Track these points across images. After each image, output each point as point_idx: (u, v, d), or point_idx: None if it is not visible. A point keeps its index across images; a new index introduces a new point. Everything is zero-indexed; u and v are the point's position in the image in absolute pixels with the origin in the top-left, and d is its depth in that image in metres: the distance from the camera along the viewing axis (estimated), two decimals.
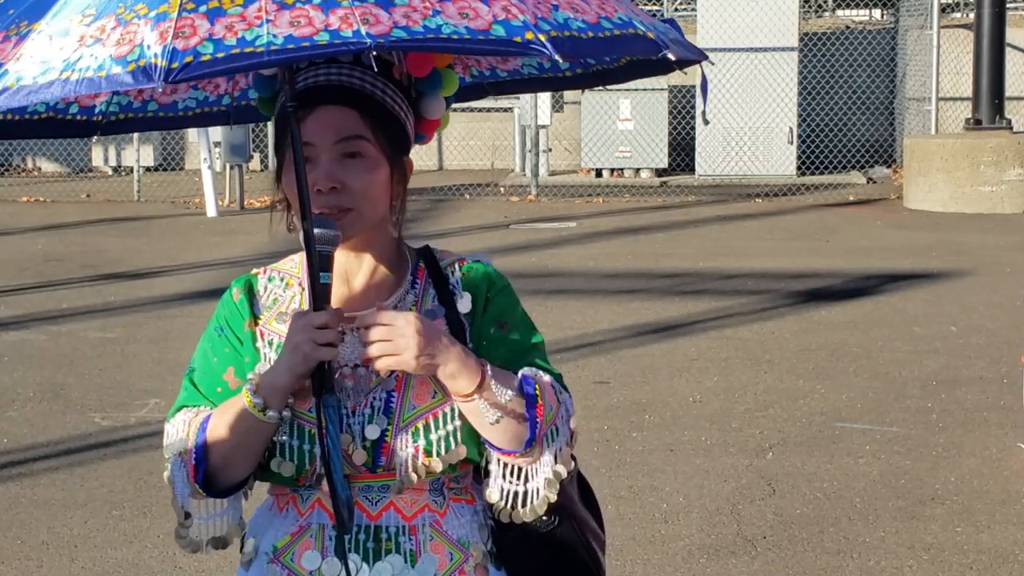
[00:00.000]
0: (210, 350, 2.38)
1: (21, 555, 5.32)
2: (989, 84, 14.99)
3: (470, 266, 2.37)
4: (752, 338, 8.67)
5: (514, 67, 2.60)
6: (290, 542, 2.34)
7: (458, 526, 2.32)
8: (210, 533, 2.39)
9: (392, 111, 2.29)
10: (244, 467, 2.30)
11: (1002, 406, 7.06)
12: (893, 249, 12.04)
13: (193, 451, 2.29)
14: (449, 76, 2.36)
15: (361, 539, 2.29)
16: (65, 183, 17.74)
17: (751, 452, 6.42)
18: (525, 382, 2.24)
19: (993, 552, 5.25)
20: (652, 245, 12.52)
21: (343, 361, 2.29)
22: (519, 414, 2.21)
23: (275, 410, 2.22)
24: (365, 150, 2.26)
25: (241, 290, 2.41)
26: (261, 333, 2.36)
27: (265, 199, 16.03)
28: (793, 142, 17.02)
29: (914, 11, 17.62)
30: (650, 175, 17.27)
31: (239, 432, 2.25)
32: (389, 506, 2.30)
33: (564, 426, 2.27)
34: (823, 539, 5.38)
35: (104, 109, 2.54)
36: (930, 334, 8.72)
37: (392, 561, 2.29)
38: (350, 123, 2.25)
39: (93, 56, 1.91)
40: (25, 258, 12.14)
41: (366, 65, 2.27)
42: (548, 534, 2.33)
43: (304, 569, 2.31)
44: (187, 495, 2.33)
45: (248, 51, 1.87)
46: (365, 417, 2.27)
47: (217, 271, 11.36)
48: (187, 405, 2.35)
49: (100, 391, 7.60)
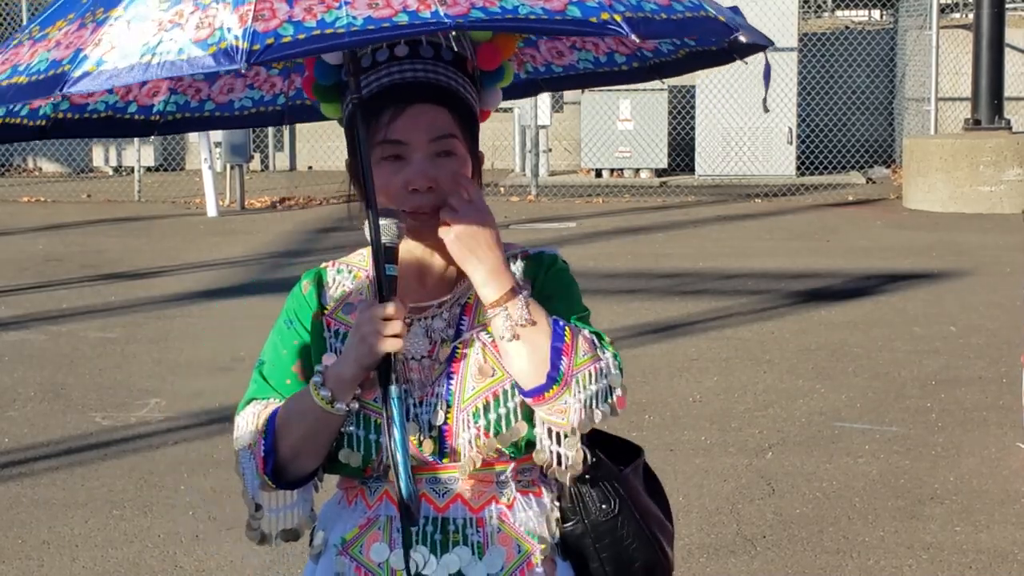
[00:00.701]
0: (279, 343, 2.40)
1: (22, 555, 5.32)
2: (988, 84, 14.99)
3: (531, 255, 2.37)
4: (752, 338, 8.67)
5: (569, 62, 2.59)
6: (358, 534, 2.34)
7: (526, 518, 2.32)
8: (280, 525, 2.37)
9: (472, 107, 2.31)
10: (313, 459, 2.31)
11: (1001, 406, 7.07)
12: (893, 249, 12.05)
13: (262, 443, 2.30)
14: (508, 68, 2.37)
15: (429, 531, 2.30)
16: (66, 183, 17.74)
17: (751, 452, 6.42)
18: (556, 323, 2.23)
19: (992, 552, 5.26)
20: (652, 245, 12.53)
21: (409, 353, 2.30)
22: (541, 345, 2.20)
23: (342, 402, 2.24)
24: (456, 148, 2.26)
25: (311, 282, 2.43)
26: (328, 323, 2.37)
27: (265, 199, 16.05)
28: (793, 142, 17.03)
29: (913, 11, 17.63)
30: (650, 175, 17.28)
31: (308, 424, 2.27)
32: (456, 498, 2.30)
33: (600, 378, 2.22)
34: (823, 539, 5.38)
35: (162, 108, 2.54)
36: (930, 334, 8.73)
37: (459, 553, 2.29)
38: (442, 121, 2.25)
39: (173, 40, 1.90)
40: (25, 258, 12.15)
41: (446, 60, 2.28)
42: (609, 524, 2.32)
43: (372, 561, 2.32)
44: (257, 487, 2.32)
45: (328, 32, 1.86)
46: (431, 407, 2.28)
47: (217, 271, 11.37)
48: (256, 398, 2.37)
49: (100, 391, 7.60)
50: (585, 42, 2.55)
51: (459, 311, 2.34)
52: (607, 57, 2.56)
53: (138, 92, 2.51)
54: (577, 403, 2.21)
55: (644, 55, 2.54)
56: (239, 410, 2.37)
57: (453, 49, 2.28)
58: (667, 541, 2.42)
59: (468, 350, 2.30)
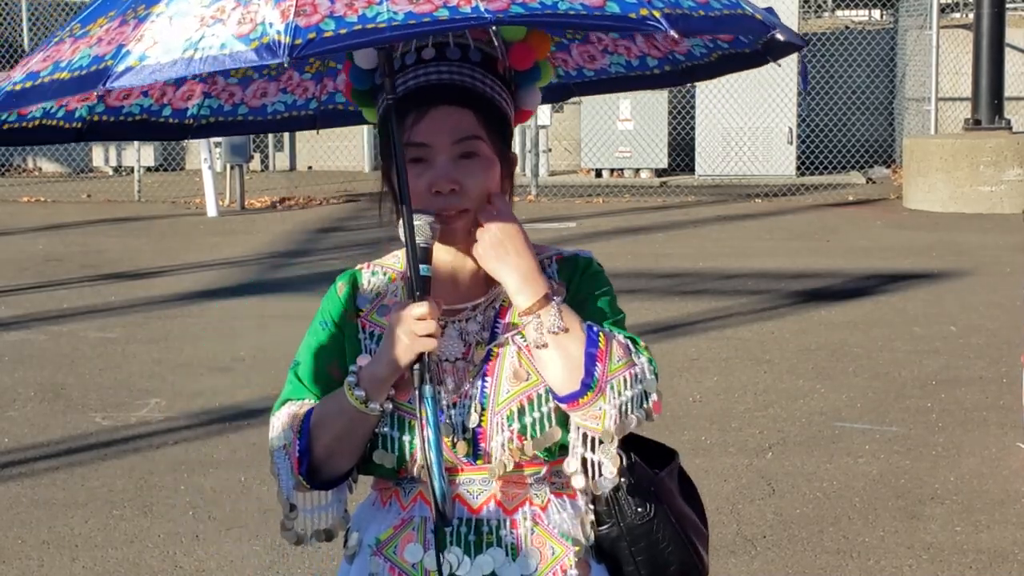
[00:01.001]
0: (315, 344, 2.40)
1: (22, 555, 5.32)
2: (988, 84, 14.99)
3: (567, 258, 2.38)
4: (752, 338, 8.67)
5: (601, 66, 2.58)
6: (392, 535, 2.35)
7: (560, 520, 2.32)
8: (315, 526, 2.38)
9: (501, 108, 2.30)
10: (347, 459, 2.32)
11: (1002, 406, 7.07)
12: (893, 249, 12.05)
13: (297, 443, 2.31)
14: (546, 67, 2.36)
15: (463, 532, 2.30)
16: (66, 183, 17.74)
17: (751, 452, 6.42)
18: (590, 328, 2.23)
19: (992, 552, 5.26)
20: (652, 245, 12.53)
21: (443, 355, 2.30)
22: (575, 352, 2.21)
23: (376, 402, 2.24)
24: (481, 150, 2.26)
25: (346, 284, 2.42)
26: (363, 325, 2.37)
27: (265, 199, 16.04)
28: (793, 142, 17.03)
29: (913, 11, 17.62)
30: (650, 175, 17.28)
31: (342, 424, 2.27)
32: (490, 499, 2.31)
33: (635, 383, 2.23)
34: (823, 539, 5.38)
35: (196, 112, 2.55)
36: (930, 334, 8.72)
37: (493, 554, 2.30)
38: (466, 123, 2.25)
39: (215, 35, 1.90)
40: (25, 258, 12.15)
41: (474, 61, 2.27)
42: (644, 528, 2.32)
43: (406, 561, 2.32)
44: (292, 487, 2.33)
45: (370, 27, 1.86)
46: (465, 409, 2.29)
47: (217, 271, 11.36)
48: (292, 398, 2.38)
49: (100, 391, 7.60)
50: (617, 45, 2.54)
51: (494, 314, 2.34)
52: (639, 61, 2.55)
53: (172, 95, 2.52)
54: (612, 409, 2.21)
55: (676, 58, 2.53)
56: (274, 410, 2.38)
57: (482, 50, 2.28)
58: (702, 544, 2.42)
59: (503, 353, 2.30)
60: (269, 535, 5.41)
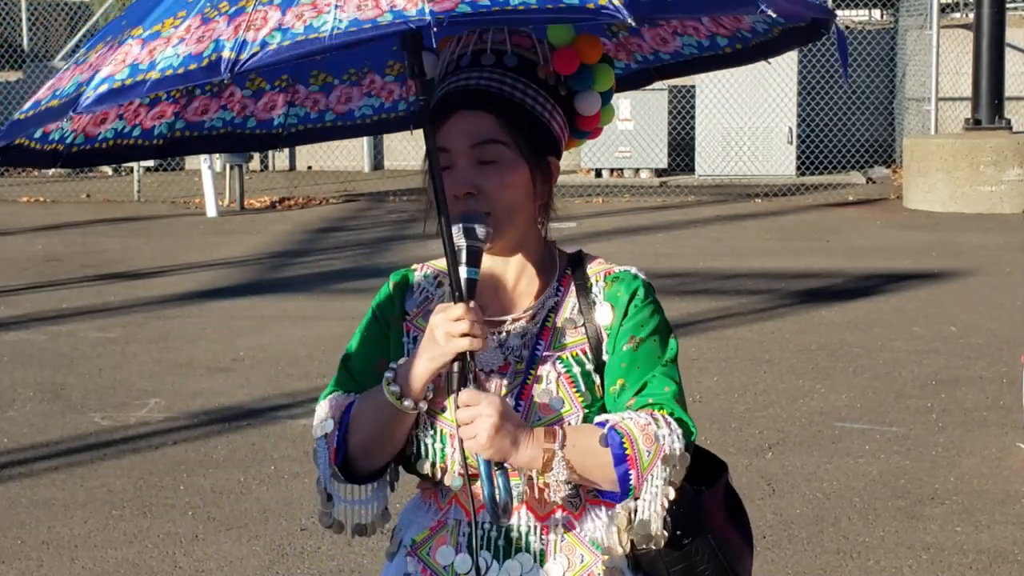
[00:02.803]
0: (364, 338, 2.41)
1: (21, 555, 5.32)
2: (988, 84, 14.99)
3: (615, 276, 2.37)
4: (752, 338, 8.67)
5: (675, 48, 2.56)
6: (428, 536, 2.36)
7: (593, 528, 2.32)
8: (353, 519, 2.38)
9: (532, 112, 2.28)
10: (382, 456, 2.33)
11: (1002, 406, 7.06)
12: (893, 249, 12.05)
13: (336, 434, 2.31)
14: (602, 71, 2.34)
15: (492, 537, 2.31)
16: (65, 183, 17.73)
17: (751, 452, 6.42)
18: (611, 436, 2.21)
19: (992, 552, 5.26)
20: (652, 245, 12.53)
21: (480, 365, 2.28)
22: (606, 471, 2.21)
23: (411, 399, 2.24)
24: (501, 154, 2.26)
25: (397, 284, 2.43)
26: (407, 329, 2.38)
27: (265, 199, 16.04)
28: (793, 142, 17.02)
29: (914, 11, 17.62)
30: (650, 175, 17.28)
31: (379, 420, 2.28)
32: (522, 505, 2.30)
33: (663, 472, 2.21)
34: (823, 539, 5.38)
35: (283, 122, 2.56)
36: (930, 334, 8.72)
37: (521, 560, 2.30)
38: (484, 127, 2.25)
39: (176, 55, 1.93)
40: (25, 258, 12.14)
41: (508, 67, 2.27)
42: (682, 552, 2.30)
43: (439, 564, 2.33)
44: (329, 477, 2.34)
45: (312, 37, 1.86)
46: None
47: (217, 271, 11.36)
48: (338, 389, 2.38)
49: (100, 391, 7.60)
50: (686, 27, 2.51)
51: (536, 332, 2.32)
52: (709, 41, 2.53)
53: (254, 107, 2.53)
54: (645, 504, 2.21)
55: (744, 36, 2.50)
56: (320, 399, 2.39)
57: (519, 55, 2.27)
58: (743, 566, 2.42)
59: (542, 376, 2.30)
60: (269, 535, 5.41)
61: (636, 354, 2.30)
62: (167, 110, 2.45)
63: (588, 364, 2.31)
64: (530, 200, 2.32)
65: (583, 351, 2.31)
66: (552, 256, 2.40)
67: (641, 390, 2.28)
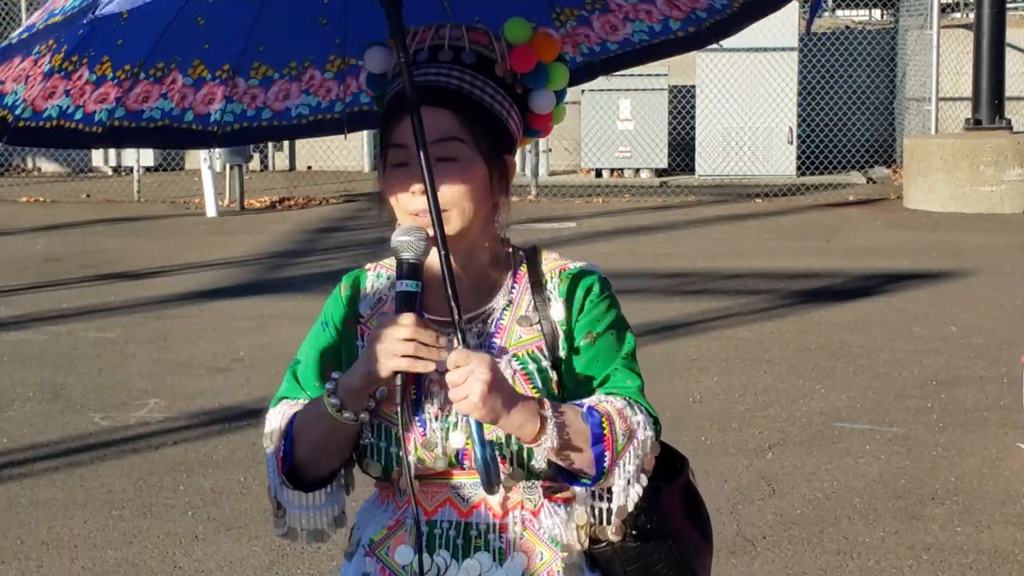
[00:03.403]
0: (315, 344, 2.38)
1: (21, 555, 5.32)
2: (989, 84, 14.98)
3: (570, 272, 2.34)
4: (752, 338, 8.67)
5: (624, 36, 2.53)
6: (386, 536, 2.34)
7: (552, 525, 2.30)
8: (308, 526, 2.36)
9: (491, 110, 2.26)
10: (327, 464, 2.31)
11: (1002, 406, 7.06)
12: (893, 249, 12.04)
13: (282, 444, 2.30)
14: (557, 70, 2.32)
15: (451, 535, 2.29)
16: (65, 183, 17.73)
17: (751, 452, 6.42)
18: (591, 415, 2.21)
19: (993, 552, 5.25)
20: (652, 245, 12.52)
21: None
22: (584, 451, 2.20)
23: (352, 411, 2.22)
24: (460, 151, 2.23)
25: (349, 286, 2.40)
26: (361, 332, 2.35)
27: (265, 199, 16.03)
28: (793, 142, 17.01)
29: (914, 11, 17.61)
30: (650, 175, 17.27)
31: (321, 430, 2.26)
32: (480, 503, 2.29)
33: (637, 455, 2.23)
34: (823, 539, 5.38)
35: (219, 118, 2.53)
36: (930, 334, 8.72)
37: (480, 559, 2.28)
38: (443, 124, 2.22)
39: None
40: (25, 258, 12.14)
41: (466, 64, 2.24)
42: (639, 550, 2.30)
43: (397, 563, 2.32)
44: (278, 485, 2.34)
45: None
46: (450, 424, 2.26)
47: (217, 271, 11.36)
48: (288, 397, 2.37)
49: (100, 391, 7.59)
50: (638, 11, 2.48)
51: (491, 331, 2.31)
52: (661, 25, 2.49)
53: (193, 99, 2.50)
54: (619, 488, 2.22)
55: (698, 16, 2.47)
56: (271, 406, 2.38)
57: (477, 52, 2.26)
58: (701, 563, 2.39)
59: None
60: (268, 535, 5.40)
61: (594, 348, 2.29)
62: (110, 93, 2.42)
63: (544, 361, 2.28)
64: (487, 198, 2.29)
65: (539, 348, 2.29)
66: (507, 253, 2.37)
67: (604, 383, 2.28)
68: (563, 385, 2.29)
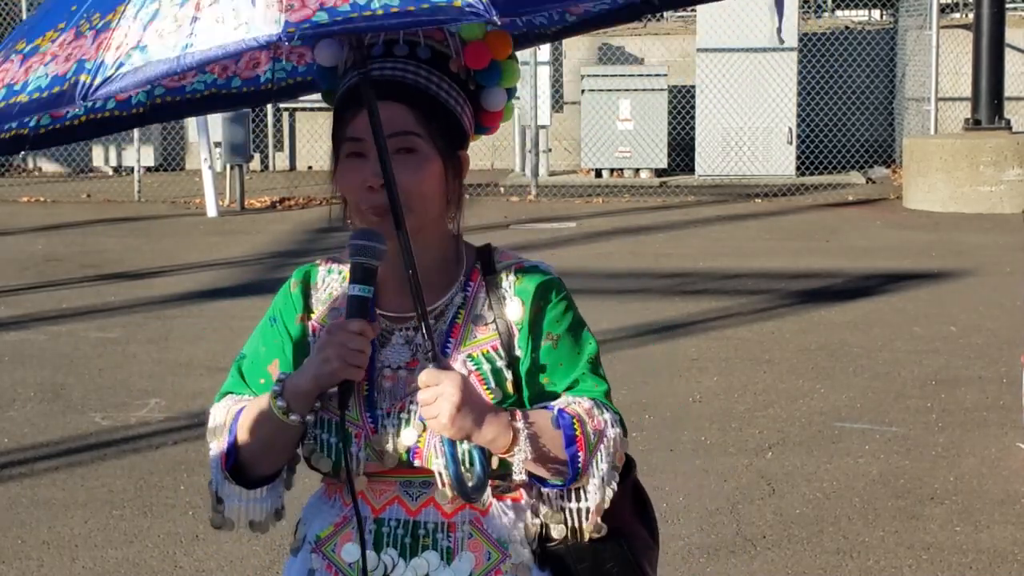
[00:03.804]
0: (260, 339, 2.37)
1: (22, 555, 5.32)
2: (988, 84, 14.99)
3: (525, 270, 2.32)
4: (752, 338, 8.67)
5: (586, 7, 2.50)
6: (332, 532, 2.33)
7: (500, 525, 2.30)
8: (247, 517, 2.34)
9: (446, 105, 2.25)
10: (271, 464, 2.31)
11: (1002, 406, 7.07)
12: (893, 249, 12.05)
13: (226, 440, 2.29)
14: (510, 67, 2.31)
15: (399, 534, 2.29)
16: (65, 183, 17.74)
17: (751, 452, 6.42)
18: (561, 418, 2.21)
19: (992, 552, 5.26)
20: (652, 245, 12.53)
21: (386, 362, 2.28)
22: (558, 456, 2.21)
23: (298, 414, 2.22)
24: (416, 146, 2.22)
25: (299, 282, 2.38)
26: (313, 328, 2.34)
27: (265, 199, 16.04)
28: (792, 142, 17.02)
29: (913, 11, 17.62)
30: (650, 175, 17.27)
31: (266, 431, 2.26)
32: (429, 502, 2.29)
33: (608, 453, 2.24)
34: (822, 539, 5.38)
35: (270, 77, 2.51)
36: (930, 334, 8.73)
37: (428, 557, 2.28)
38: (400, 119, 2.21)
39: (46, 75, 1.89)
40: (25, 258, 12.15)
41: (421, 59, 2.24)
42: (590, 548, 2.30)
43: (343, 561, 2.31)
44: (221, 480, 2.32)
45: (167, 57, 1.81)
46: (401, 421, 2.26)
47: (217, 271, 11.36)
48: (232, 392, 2.36)
49: (100, 391, 7.60)
50: None
51: (446, 328, 2.29)
52: None
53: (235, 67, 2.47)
54: (594, 487, 2.23)
55: None
56: (215, 400, 2.37)
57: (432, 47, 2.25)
58: (649, 562, 2.40)
59: None
60: (269, 535, 5.39)
61: (557, 352, 2.28)
62: None
63: (499, 361, 2.27)
64: (441, 194, 2.27)
65: (493, 348, 2.28)
66: (461, 251, 2.34)
67: (571, 389, 2.28)
68: (519, 385, 2.28)
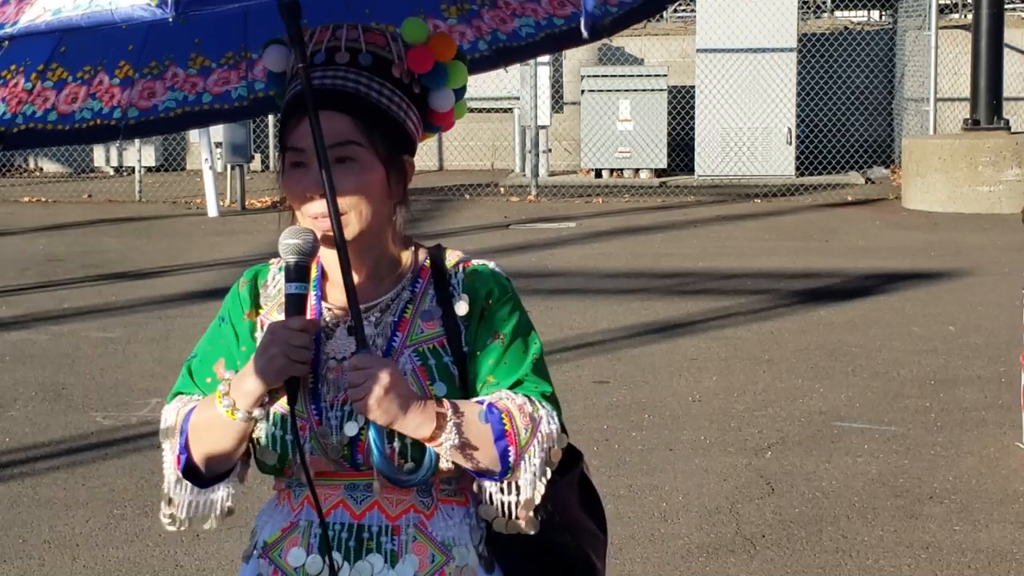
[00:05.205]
0: (208, 339, 2.40)
1: (23, 554, 5.34)
2: (987, 85, 15.00)
3: (474, 268, 2.35)
4: (752, 338, 8.69)
5: (513, 29, 2.54)
6: (280, 538, 2.35)
7: (445, 528, 2.31)
8: (199, 512, 2.37)
9: (388, 112, 2.27)
10: (223, 462, 2.32)
11: (1000, 405, 7.08)
12: (892, 249, 12.06)
13: (178, 441, 2.32)
14: (456, 68, 2.32)
15: (343, 538, 2.30)
16: (66, 183, 17.75)
17: (750, 451, 6.44)
18: (490, 412, 2.24)
19: (991, 551, 5.27)
20: (652, 245, 12.54)
21: (331, 354, 2.29)
22: (487, 448, 2.23)
23: (244, 412, 2.24)
24: (357, 155, 2.24)
25: (248, 281, 2.41)
26: (261, 324, 2.36)
27: (266, 199, 16.05)
28: (792, 142, 17.03)
29: (912, 12, 17.63)
30: (649, 175, 17.28)
31: (214, 429, 2.28)
32: (373, 505, 2.30)
33: (542, 448, 2.25)
34: (822, 538, 5.40)
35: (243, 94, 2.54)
36: (929, 334, 8.74)
37: (372, 561, 2.29)
38: (340, 128, 2.23)
39: None
40: (26, 258, 12.16)
41: (363, 65, 2.25)
42: (538, 537, 2.31)
43: (290, 565, 2.32)
44: (173, 482, 2.34)
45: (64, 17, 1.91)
46: (344, 413, 2.27)
47: (218, 271, 11.37)
48: (182, 392, 2.39)
49: (101, 391, 7.61)
50: (524, 8, 2.50)
51: (392, 322, 2.31)
52: (547, 21, 2.51)
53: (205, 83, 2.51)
54: (527, 482, 2.25)
55: (576, 14, 2.48)
56: (167, 401, 2.39)
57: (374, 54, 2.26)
58: (597, 553, 2.41)
59: None
60: None
61: (501, 351, 2.30)
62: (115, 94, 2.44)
63: (445, 357, 2.30)
64: (385, 200, 2.29)
65: (440, 343, 2.30)
66: (409, 250, 2.37)
67: (514, 387, 2.29)
68: (465, 381, 2.30)
